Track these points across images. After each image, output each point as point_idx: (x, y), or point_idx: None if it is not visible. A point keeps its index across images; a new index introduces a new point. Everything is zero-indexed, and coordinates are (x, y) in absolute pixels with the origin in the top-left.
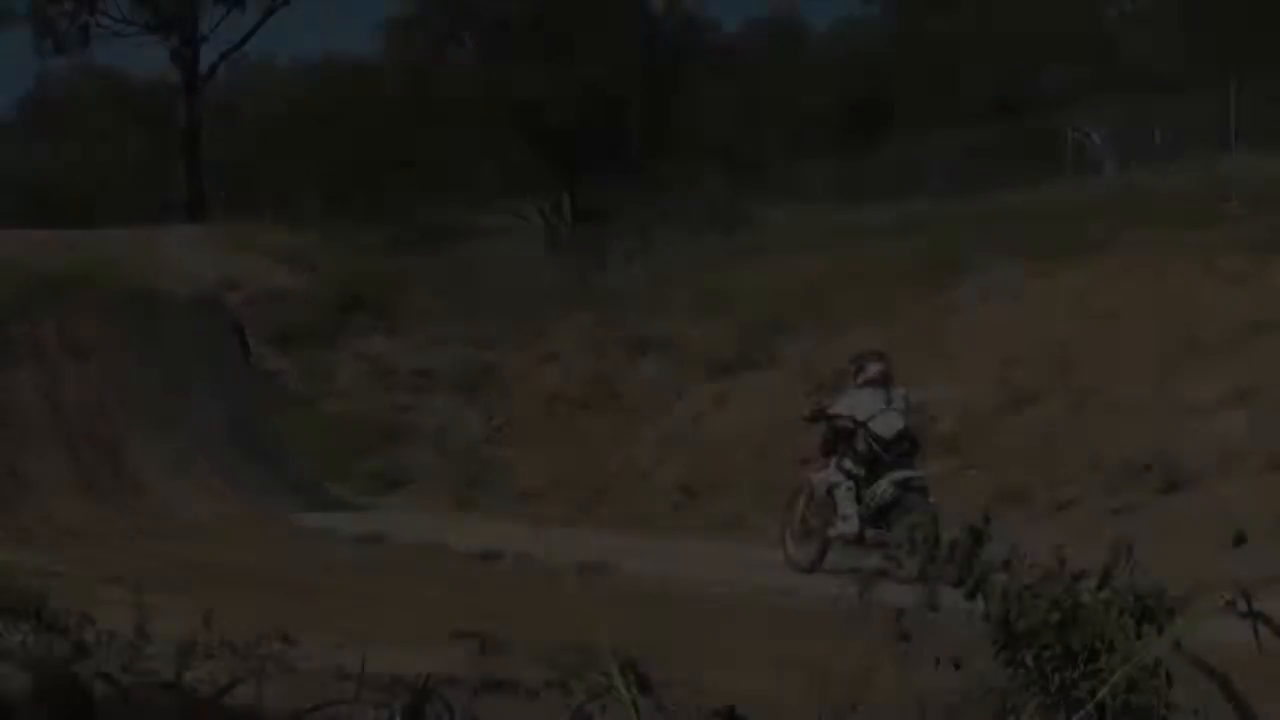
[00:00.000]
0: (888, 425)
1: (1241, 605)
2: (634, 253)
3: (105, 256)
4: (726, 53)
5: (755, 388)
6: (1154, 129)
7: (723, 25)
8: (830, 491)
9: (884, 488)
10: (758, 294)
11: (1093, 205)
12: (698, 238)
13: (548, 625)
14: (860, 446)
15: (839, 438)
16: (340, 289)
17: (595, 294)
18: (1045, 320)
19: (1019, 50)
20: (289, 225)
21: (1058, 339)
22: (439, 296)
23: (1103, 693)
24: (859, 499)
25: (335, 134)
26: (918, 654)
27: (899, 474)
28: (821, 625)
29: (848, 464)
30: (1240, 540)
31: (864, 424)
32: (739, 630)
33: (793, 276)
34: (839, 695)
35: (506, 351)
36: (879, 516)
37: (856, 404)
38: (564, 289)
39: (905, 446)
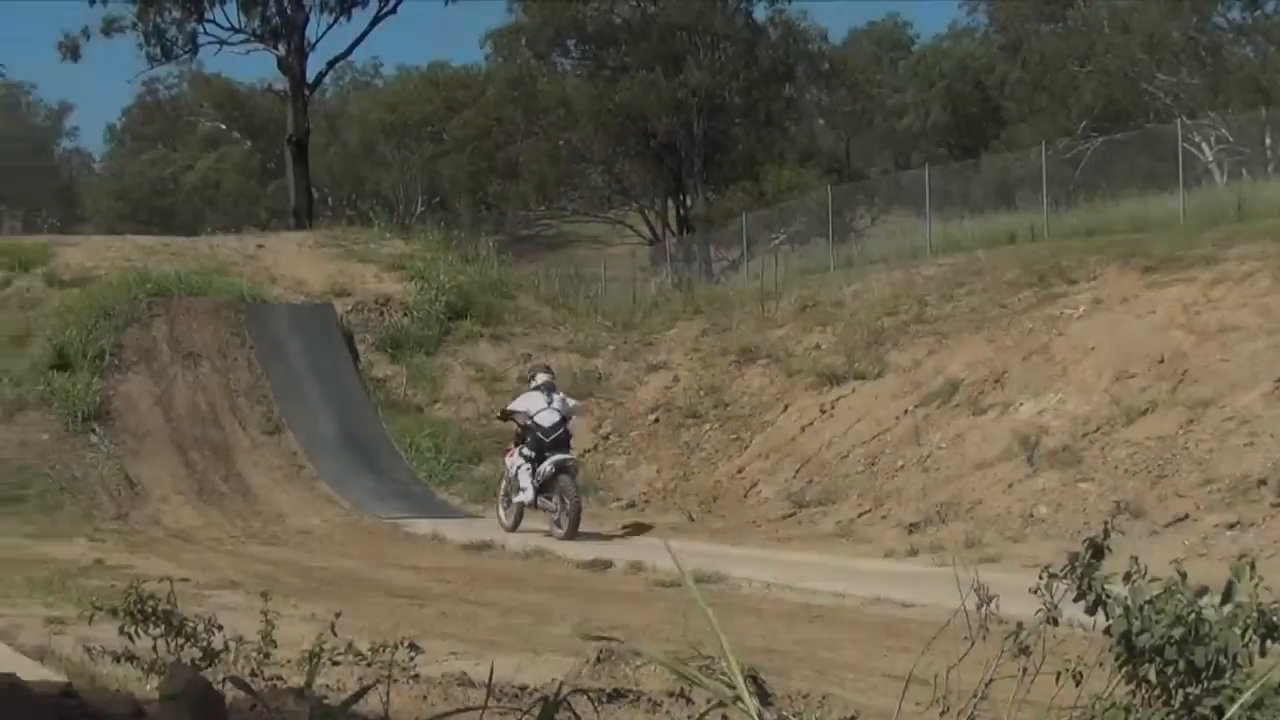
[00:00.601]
0: (548, 418)
1: None
2: (740, 262)
3: (215, 263)
4: (832, 61)
5: (863, 397)
6: (1265, 139)
7: (829, 34)
8: (516, 471)
9: (546, 467)
10: (865, 303)
11: (1203, 216)
12: (804, 246)
13: (661, 634)
14: (530, 434)
15: (524, 431)
16: (448, 296)
17: (702, 303)
18: (1157, 332)
19: (1128, 60)
20: (396, 232)
21: (1170, 351)
22: (545, 304)
23: (1232, 711)
24: (533, 474)
25: (441, 142)
26: (1037, 668)
27: (557, 456)
28: (939, 638)
29: (525, 450)
30: None
31: (532, 417)
32: (854, 642)
33: (900, 286)
34: (958, 709)
35: (614, 360)
36: (545, 487)
37: (529, 402)
38: (670, 298)
39: (560, 433)
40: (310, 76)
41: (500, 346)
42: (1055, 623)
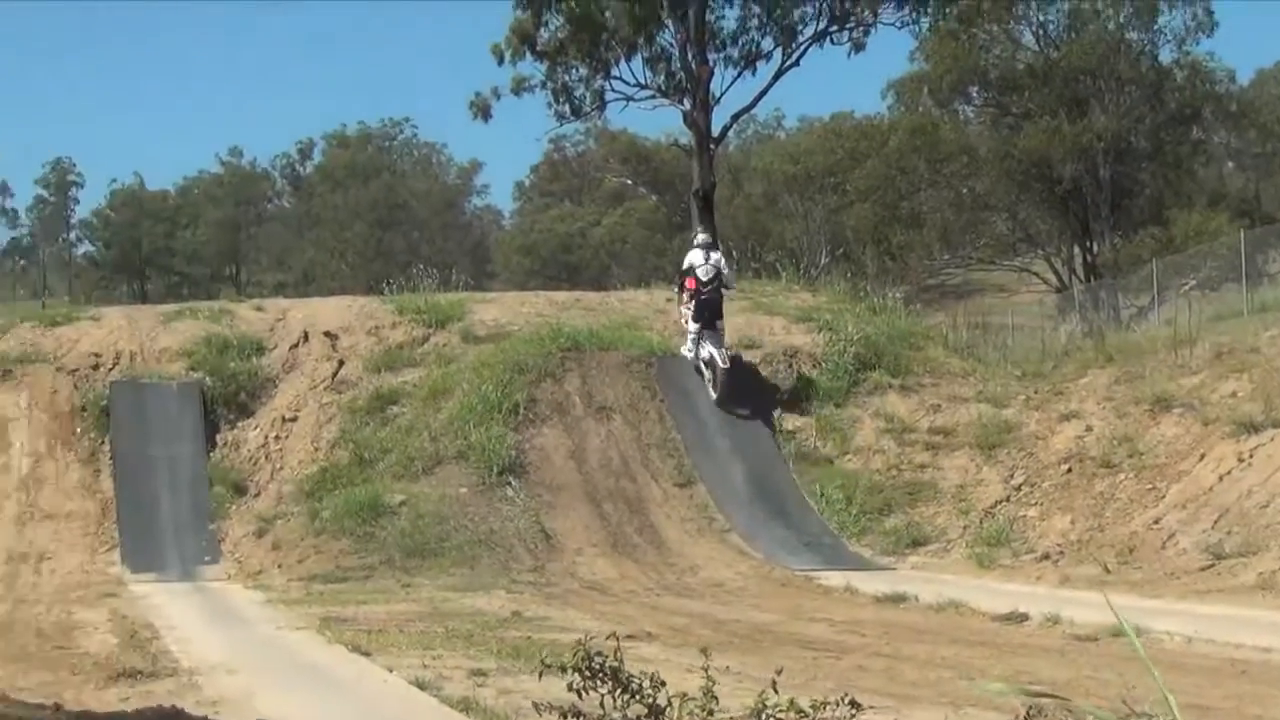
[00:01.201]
0: (705, 273)
1: None
2: (1149, 308)
3: (625, 318)
4: (1240, 102)
5: None
6: None
7: (1236, 74)
8: (687, 338)
9: (703, 351)
10: None
11: None
12: (1214, 292)
13: (1085, 689)
14: (690, 283)
15: (691, 293)
16: (856, 347)
17: (1113, 351)
18: None
19: None
20: (803, 283)
21: None
22: (954, 354)
23: None
24: (696, 350)
25: (844, 192)
26: None
27: (711, 342)
28: None
29: (687, 311)
30: None
31: (695, 269)
32: None
33: None
34: None
35: (1024, 410)
36: (705, 364)
37: (693, 257)
38: (1080, 346)
39: (715, 284)
40: (715, 130)
41: (909, 398)
42: None
